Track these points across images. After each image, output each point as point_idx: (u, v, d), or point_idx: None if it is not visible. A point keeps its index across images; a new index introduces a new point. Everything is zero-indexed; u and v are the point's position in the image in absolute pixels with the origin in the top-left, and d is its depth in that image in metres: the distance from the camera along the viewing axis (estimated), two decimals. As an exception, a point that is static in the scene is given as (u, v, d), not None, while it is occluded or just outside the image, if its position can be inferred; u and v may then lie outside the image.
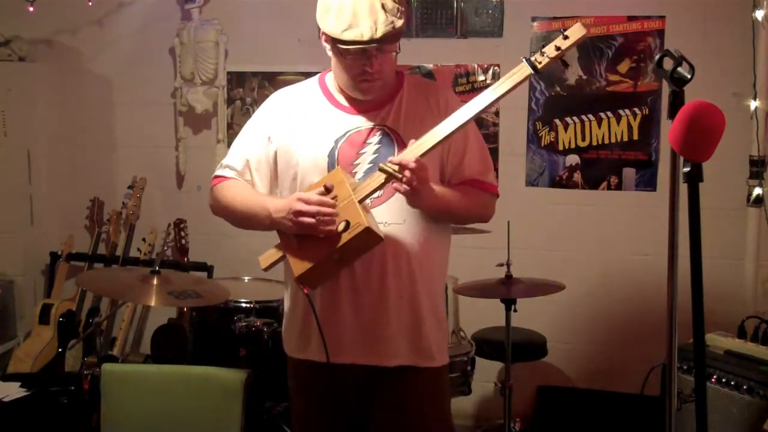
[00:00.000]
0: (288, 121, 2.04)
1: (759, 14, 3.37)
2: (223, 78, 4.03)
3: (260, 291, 3.13)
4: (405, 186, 1.80)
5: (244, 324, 2.96)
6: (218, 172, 2.11)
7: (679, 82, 1.42)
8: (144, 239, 3.99)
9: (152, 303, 2.57)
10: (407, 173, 1.79)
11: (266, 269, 1.97)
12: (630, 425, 3.47)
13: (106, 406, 2.35)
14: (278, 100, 2.10)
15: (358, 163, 1.96)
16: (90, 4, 3.86)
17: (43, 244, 4.13)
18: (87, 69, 4.18)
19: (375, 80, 1.92)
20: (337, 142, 1.97)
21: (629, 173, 3.67)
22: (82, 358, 3.73)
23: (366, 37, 1.82)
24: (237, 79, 4.04)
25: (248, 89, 4.02)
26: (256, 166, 2.06)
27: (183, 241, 3.86)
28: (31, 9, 3.77)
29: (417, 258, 1.97)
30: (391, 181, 1.84)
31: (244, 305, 3.03)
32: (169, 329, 3.76)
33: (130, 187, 4.06)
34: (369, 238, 1.80)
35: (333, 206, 1.82)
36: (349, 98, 2.01)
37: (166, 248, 3.77)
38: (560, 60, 1.79)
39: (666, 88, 1.54)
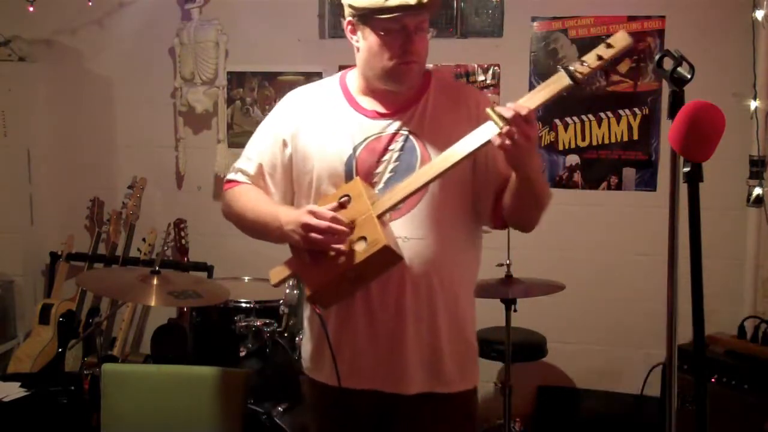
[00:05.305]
0: (304, 123, 1.88)
1: (759, 14, 3.36)
2: (223, 78, 4.02)
3: (260, 291, 3.12)
4: (506, 139, 1.59)
5: (244, 324, 2.96)
6: (230, 176, 1.99)
7: (679, 82, 1.42)
8: (144, 239, 3.99)
9: (152, 303, 2.56)
10: (512, 127, 1.59)
11: (276, 285, 1.83)
12: (630, 425, 3.47)
13: (106, 406, 2.35)
14: (295, 100, 1.95)
15: (379, 173, 1.81)
16: (90, 4, 3.86)
17: (43, 244, 4.14)
18: (87, 69, 4.17)
19: (413, 62, 1.78)
20: (355, 149, 1.81)
21: (629, 173, 3.67)
22: (82, 358, 3.73)
23: (413, 1, 1.70)
24: (237, 79, 4.03)
25: (248, 89, 4.02)
26: (270, 171, 1.93)
27: (183, 241, 3.86)
28: (31, 9, 3.77)
29: (438, 276, 1.82)
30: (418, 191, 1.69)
31: (244, 305, 3.03)
32: (169, 329, 3.76)
33: (130, 187, 4.05)
34: (387, 256, 1.67)
35: (347, 223, 1.68)
36: (372, 100, 1.86)
37: (166, 248, 3.77)
38: (601, 69, 1.69)
39: (666, 88, 1.53)
